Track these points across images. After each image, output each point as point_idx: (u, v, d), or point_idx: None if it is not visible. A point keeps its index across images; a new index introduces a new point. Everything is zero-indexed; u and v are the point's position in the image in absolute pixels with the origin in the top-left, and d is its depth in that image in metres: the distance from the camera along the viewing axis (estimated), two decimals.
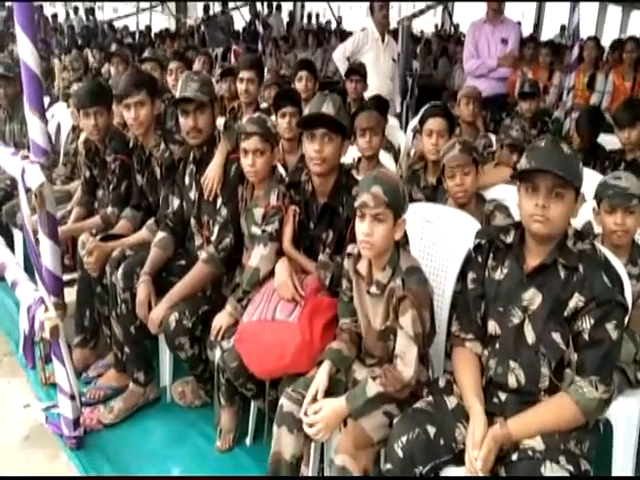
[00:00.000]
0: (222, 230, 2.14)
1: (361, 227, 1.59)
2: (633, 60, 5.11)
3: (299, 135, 2.02)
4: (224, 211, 2.15)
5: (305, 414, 1.60)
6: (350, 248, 1.77)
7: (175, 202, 2.36)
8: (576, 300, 1.39)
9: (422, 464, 1.43)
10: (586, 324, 1.38)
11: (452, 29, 11.40)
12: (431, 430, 1.45)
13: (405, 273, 1.60)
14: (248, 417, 2.16)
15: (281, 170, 2.34)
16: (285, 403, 1.67)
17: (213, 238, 2.17)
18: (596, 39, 5.65)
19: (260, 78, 3.13)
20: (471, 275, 1.61)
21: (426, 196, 2.49)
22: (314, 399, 1.61)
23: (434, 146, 2.44)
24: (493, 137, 3.24)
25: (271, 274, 1.97)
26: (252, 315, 1.84)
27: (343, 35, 8.41)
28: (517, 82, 4.34)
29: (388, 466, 1.46)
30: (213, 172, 2.16)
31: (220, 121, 2.94)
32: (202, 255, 2.16)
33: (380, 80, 4.37)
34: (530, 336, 1.46)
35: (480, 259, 1.59)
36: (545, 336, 1.44)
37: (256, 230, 2.09)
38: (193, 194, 2.30)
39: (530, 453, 1.35)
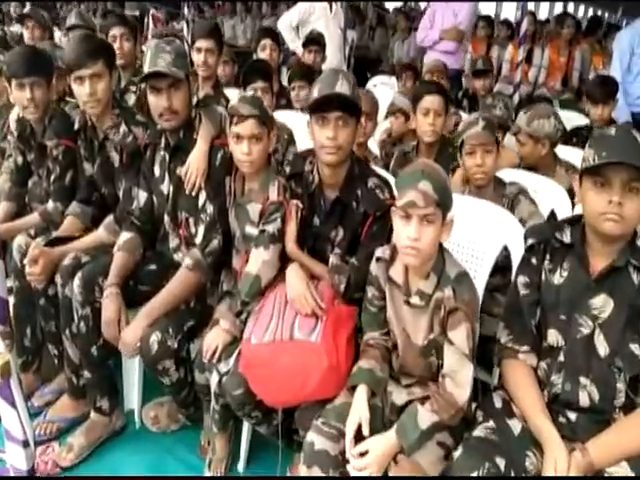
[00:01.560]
0: (209, 230, 1.78)
1: (406, 230, 1.32)
2: (569, 36, 5.19)
3: None
4: (210, 208, 1.78)
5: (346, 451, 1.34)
6: (380, 251, 1.50)
7: (142, 196, 1.95)
8: None
9: None
10: None
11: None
12: (500, 462, 1.24)
13: (455, 281, 1.36)
14: (239, 440, 1.87)
15: None
16: (316, 439, 1.40)
17: (198, 240, 1.80)
18: (533, 14, 5.67)
19: (220, 48, 2.69)
20: (523, 279, 1.41)
21: None
22: (357, 435, 1.35)
23: (431, 126, 2.20)
24: (463, 114, 3.09)
25: (273, 281, 1.67)
26: (263, 335, 1.52)
27: (273, 2, 7.87)
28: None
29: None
30: (196, 161, 1.77)
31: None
32: (186, 261, 1.79)
33: (330, 51, 4.06)
34: (602, 348, 1.29)
35: (535, 261, 1.39)
36: (621, 348, 1.27)
37: (251, 230, 1.75)
38: (166, 187, 1.90)
39: None
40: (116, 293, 1.80)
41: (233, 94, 2.86)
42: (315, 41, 3.50)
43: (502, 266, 1.73)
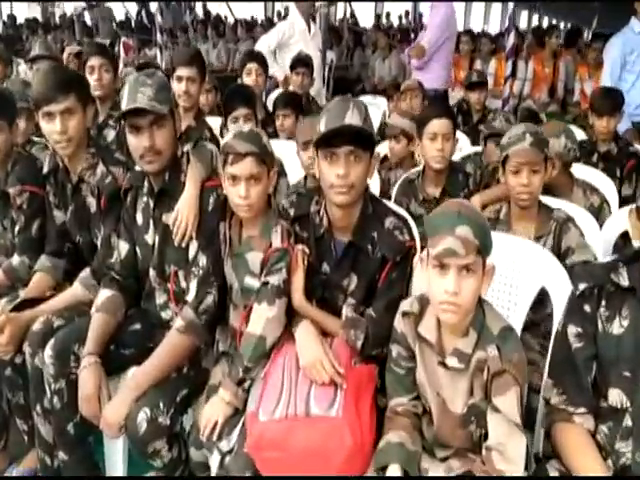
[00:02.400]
0: (202, 286, 1.57)
1: (443, 283, 1.13)
2: (554, 48, 5.17)
3: None
4: (203, 259, 1.57)
5: None
6: (407, 304, 1.31)
7: (123, 247, 1.74)
8: None
9: None
10: None
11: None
12: None
13: (499, 338, 1.18)
14: None
15: None
16: None
17: (190, 297, 1.58)
18: (517, 28, 5.66)
19: (202, 76, 2.51)
20: (575, 329, 1.23)
21: (427, 211, 2.08)
22: None
23: (440, 152, 2.03)
24: (462, 135, 2.95)
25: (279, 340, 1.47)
26: (273, 410, 1.31)
27: (248, 25, 7.78)
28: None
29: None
30: (186, 208, 1.57)
31: None
32: (177, 323, 1.56)
33: None
34: None
35: (588, 309, 1.21)
36: None
37: (251, 282, 1.54)
38: (151, 236, 1.68)
39: None
40: (95, 363, 1.57)
41: (215, 123, 2.70)
42: (303, 62, 3.37)
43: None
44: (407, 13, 12.69)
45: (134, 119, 1.53)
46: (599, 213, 2.07)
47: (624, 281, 1.19)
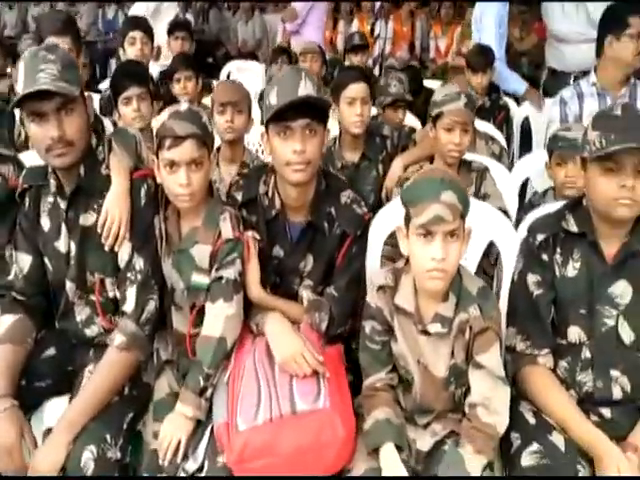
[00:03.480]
0: (142, 292, 1.38)
1: (429, 251, 1.14)
2: (410, 7, 5.41)
3: None
4: (140, 262, 1.38)
5: None
6: (381, 278, 1.29)
7: (24, 260, 1.46)
8: None
9: None
10: None
11: None
12: None
13: (479, 297, 1.23)
14: None
15: None
16: None
17: (129, 307, 1.38)
18: None
19: (78, 47, 2.16)
20: (534, 277, 1.32)
21: (347, 177, 2.06)
22: None
23: (359, 116, 2.01)
24: None
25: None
26: (254, 416, 1.22)
27: None
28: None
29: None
30: (116, 205, 1.35)
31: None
32: (116, 340, 1.36)
33: None
34: (627, 336, 1.27)
35: (545, 257, 1.31)
36: None
37: (199, 279, 1.40)
38: (64, 243, 1.44)
39: None
40: (11, 407, 1.31)
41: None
42: (183, 26, 3.11)
43: None
44: None
45: (36, 104, 1.27)
46: (500, 159, 2.27)
47: (573, 227, 1.30)
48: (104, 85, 2.97)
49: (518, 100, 3.15)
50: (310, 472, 1.21)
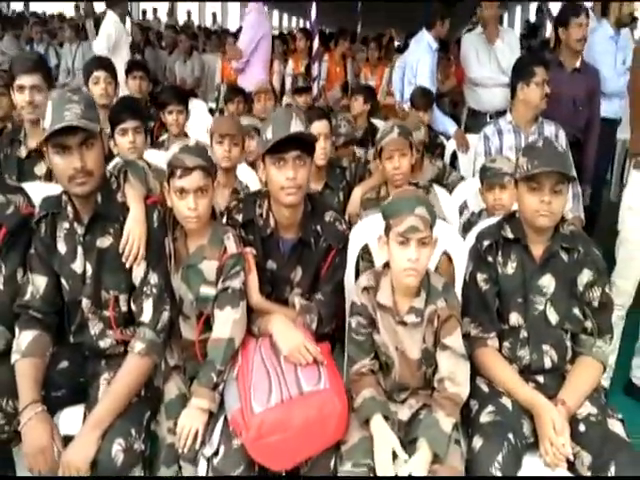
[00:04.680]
0: (158, 303, 1.59)
1: (405, 254, 1.46)
2: (343, 51, 5.93)
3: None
4: (154, 277, 1.59)
5: None
6: (364, 280, 1.60)
7: (40, 281, 1.63)
8: (587, 275, 1.63)
9: (514, 471, 1.48)
10: (596, 293, 1.64)
11: None
12: (510, 437, 1.49)
13: (444, 292, 1.56)
14: None
15: None
16: None
17: (146, 317, 1.58)
18: (306, 30, 6.24)
19: (49, 85, 2.32)
20: (482, 276, 1.68)
21: None
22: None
23: (323, 150, 2.34)
24: None
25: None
26: (267, 399, 1.46)
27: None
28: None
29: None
30: (136, 228, 1.56)
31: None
32: (136, 347, 1.55)
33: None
34: (554, 317, 1.65)
35: (490, 259, 1.68)
36: (568, 313, 1.64)
37: (208, 290, 1.64)
38: (80, 265, 1.62)
39: (593, 419, 1.55)
40: (42, 411, 1.49)
41: None
42: (140, 65, 3.31)
43: None
44: (214, 15, 13.01)
45: (62, 139, 1.47)
46: (444, 171, 2.76)
47: (510, 234, 1.68)
48: None
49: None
50: (316, 442, 1.47)
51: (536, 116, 2.73)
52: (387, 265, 1.60)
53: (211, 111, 4.81)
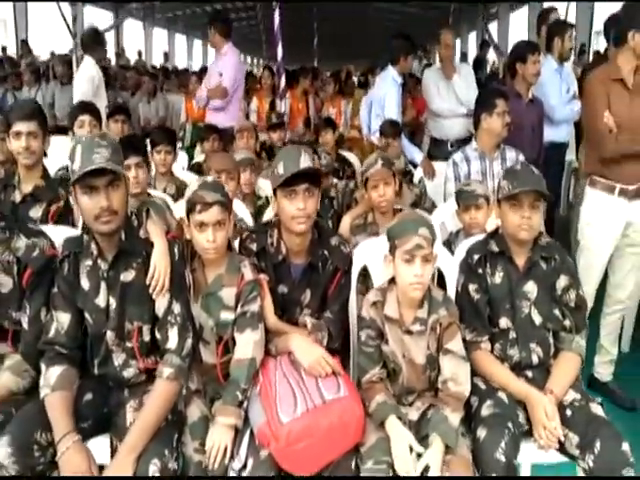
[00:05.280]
0: (182, 331, 1.70)
1: (412, 270, 1.64)
2: (305, 88, 6.22)
3: None
4: (177, 307, 1.70)
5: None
6: (372, 296, 1.77)
7: (63, 318, 1.72)
8: (564, 280, 1.87)
9: (515, 455, 1.65)
10: (572, 295, 1.87)
11: None
12: (511, 426, 1.68)
13: (444, 302, 1.76)
14: None
15: None
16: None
17: (172, 345, 1.68)
18: (270, 68, 6.51)
19: (44, 131, 2.42)
20: (473, 286, 1.89)
21: None
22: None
23: None
24: None
25: None
26: (294, 410, 1.59)
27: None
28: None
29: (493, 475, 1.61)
30: (163, 262, 1.68)
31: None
32: (165, 373, 1.65)
33: None
34: (537, 319, 1.86)
35: (480, 271, 1.89)
36: (549, 314, 1.86)
37: (227, 316, 1.78)
38: (103, 299, 1.72)
39: (577, 404, 1.76)
40: (78, 441, 1.58)
41: None
42: (121, 109, 3.43)
43: None
44: (166, 55, 13.27)
45: (90, 180, 1.59)
46: (421, 198, 2.99)
47: (495, 248, 1.90)
48: None
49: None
50: (339, 446, 1.61)
51: (498, 143, 3.03)
52: (391, 281, 1.78)
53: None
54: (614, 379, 2.82)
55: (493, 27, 11.89)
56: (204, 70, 6.45)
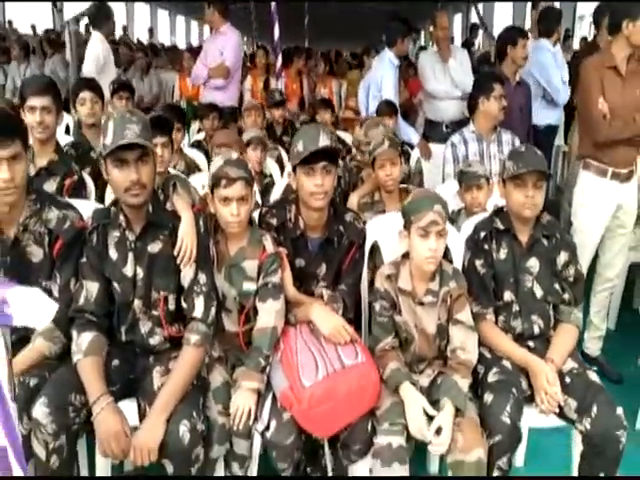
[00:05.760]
0: (208, 300, 1.79)
1: (427, 244, 1.75)
2: (298, 68, 6.24)
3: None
4: (203, 277, 1.79)
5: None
6: (387, 269, 1.88)
7: (92, 287, 1.79)
8: (564, 256, 2.00)
9: (519, 418, 1.79)
10: (571, 270, 2.01)
11: None
12: (515, 391, 1.82)
13: (454, 275, 1.87)
14: None
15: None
16: (392, 440, 1.69)
17: (198, 313, 1.78)
18: (265, 48, 6.51)
19: (58, 106, 2.47)
20: (479, 262, 2.01)
21: None
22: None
23: None
24: (283, 151, 3.58)
25: None
26: (315, 375, 1.70)
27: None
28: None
29: (497, 438, 1.74)
30: (190, 234, 1.76)
31: None
32: (192, 339, 1.75)
33: None
34: (539, 292, 2.00)
35: (486, 247, 2.01)
36: (550, 288, 1.99)
37: (250, 286, 1.87)
38: (130, 269, 1.80)
39: (575, 372, 1.90)
40: (112, 402, 1.66)
41: None
42: (126, 86, 3.45)
43: None
44: (151, 31, 12.99)
45: (121, 153, 1.66)
46: (410, 176, 3.15)
47: (500, 225, 2.02)
48: None
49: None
50: (356, 409, 1.73)
51: (495, 126, 3.14)
52: (404, 256, 1.89)
53: None
54: (602, 354, 3.00)
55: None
56: (198, 48, 6.43)
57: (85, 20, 4.48)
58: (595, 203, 2.79)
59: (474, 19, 9.42)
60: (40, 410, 1.60)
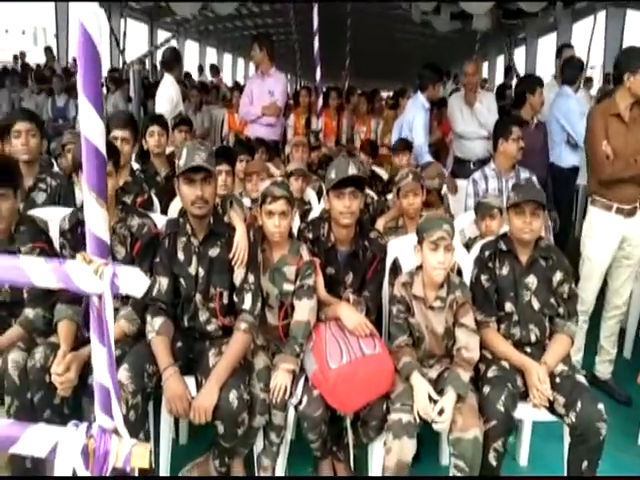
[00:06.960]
0: (255, 296, 2.24)
1: (436, 257, 2.17)
2: (335, 106, 6.81)
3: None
4: (252, 277, 2.24)
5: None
6: (404, 278, 2.29)
7: (163, 282, 2.26)
8: (559, 276, 2.37)
9: (513, 409, 2.14)
10: (566, 287, 2.37)
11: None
12: (510, 386, 2.17)
13: (460, 285, 2.27)
14: None
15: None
16: (402, 416, 2.07)
17: (247, 306, 2.22)
18: (308, 88, 7.13)
19: (134, 138, 3.09)
20: (484, 277, 2.40)
21: None
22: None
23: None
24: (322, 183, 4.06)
25: None
26: (340, 359, 2.11)
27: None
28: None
29: (493, 422, 2.09)
30: (243, 242, 2.23)
31: None
32: (241, 326, 2.19)
33: None
34: (536, 305, 2.36)
35: (490, 264, 2.40)
36: (546, 302, 2.36)
37: (288, 287, 2.31)
38: (193, 269, 2.27)
39: (565, 374, 2.24)
40: (177, 372, 2.10)
41: None
42: (186, 122, 4.03)
43: None
44: (201, 67, 14.16)
45: (190, 174, 2.14)
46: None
47: (504, 247, 2.41)
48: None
49: None
50: (374, 391, 2.12)
51: (513, 165, 3.54)
52: (418, 267, 2.30)
53: None
54: (612, 377, 3.27)
55: (521, 51, 12.39)
56: (243, 86, 7.09)
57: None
58: (601, 235, 3.13)
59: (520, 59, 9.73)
60: (123, 374, 2.05)
